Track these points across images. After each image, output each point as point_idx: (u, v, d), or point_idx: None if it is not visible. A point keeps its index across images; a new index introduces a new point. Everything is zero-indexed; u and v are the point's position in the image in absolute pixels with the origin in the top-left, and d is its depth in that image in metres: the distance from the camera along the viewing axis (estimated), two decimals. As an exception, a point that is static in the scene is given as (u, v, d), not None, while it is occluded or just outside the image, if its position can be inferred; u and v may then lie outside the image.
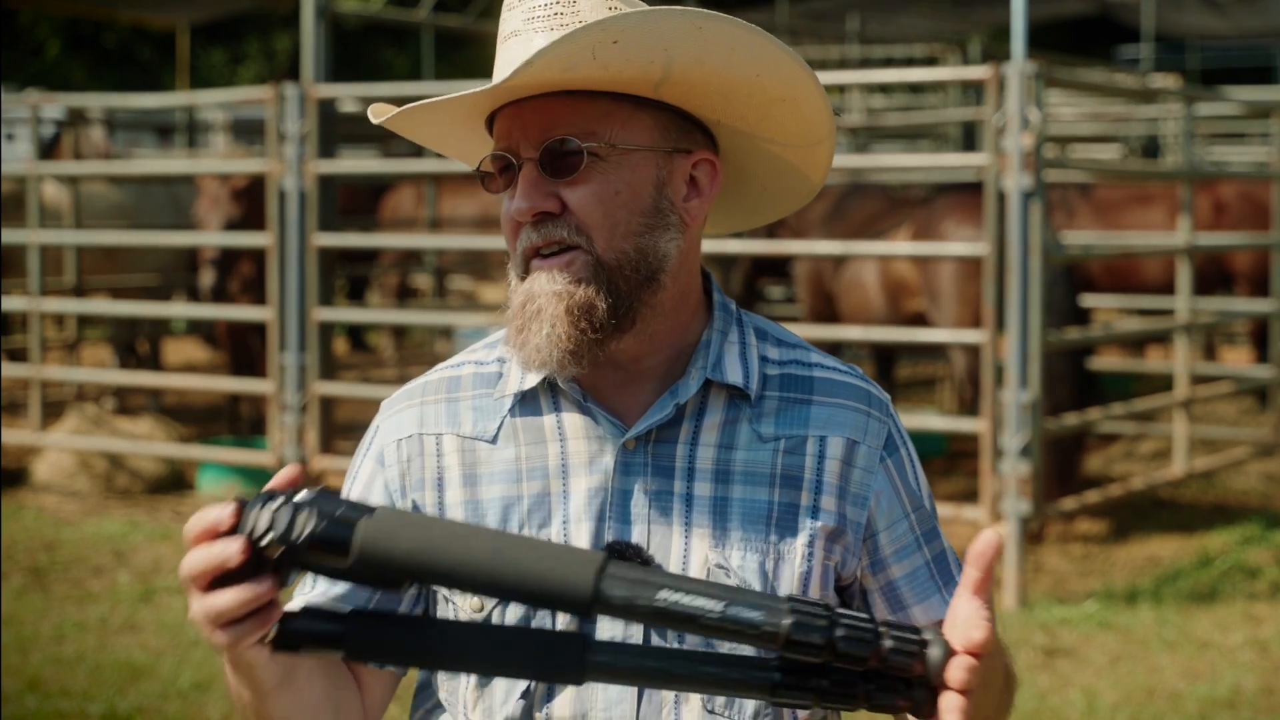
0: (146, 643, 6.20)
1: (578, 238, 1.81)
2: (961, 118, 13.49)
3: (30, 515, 8.39)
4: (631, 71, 1.80)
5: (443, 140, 2.00)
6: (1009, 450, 6.86)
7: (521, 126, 1.83)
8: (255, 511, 1.48)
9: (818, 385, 1.91)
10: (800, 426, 1.88)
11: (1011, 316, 6.91)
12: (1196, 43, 22.52)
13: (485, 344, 1.99)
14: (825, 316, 9.40)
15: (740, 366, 1.89)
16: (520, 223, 1.82)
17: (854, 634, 1.46)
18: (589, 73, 1.78)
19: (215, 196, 9.90)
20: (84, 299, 10.72)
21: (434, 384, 1.96)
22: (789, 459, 1.87)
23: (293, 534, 1.47)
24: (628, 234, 1.83)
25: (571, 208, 1.81)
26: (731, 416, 1.88)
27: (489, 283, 16.41)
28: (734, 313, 1.94)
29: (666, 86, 1.84)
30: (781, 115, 1.91)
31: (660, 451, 1.86)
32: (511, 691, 1.83)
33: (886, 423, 1.92)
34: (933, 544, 1.94)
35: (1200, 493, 9.01)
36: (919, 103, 18.41)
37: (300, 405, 8.06)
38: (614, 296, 1.82)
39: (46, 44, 25.78)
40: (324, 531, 1.47)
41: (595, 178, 1.82)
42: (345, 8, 13.90)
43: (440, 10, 15.63)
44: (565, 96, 1.82)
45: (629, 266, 1.83)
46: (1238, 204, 11.17)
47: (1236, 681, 5.84)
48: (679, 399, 1.85)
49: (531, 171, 1.82)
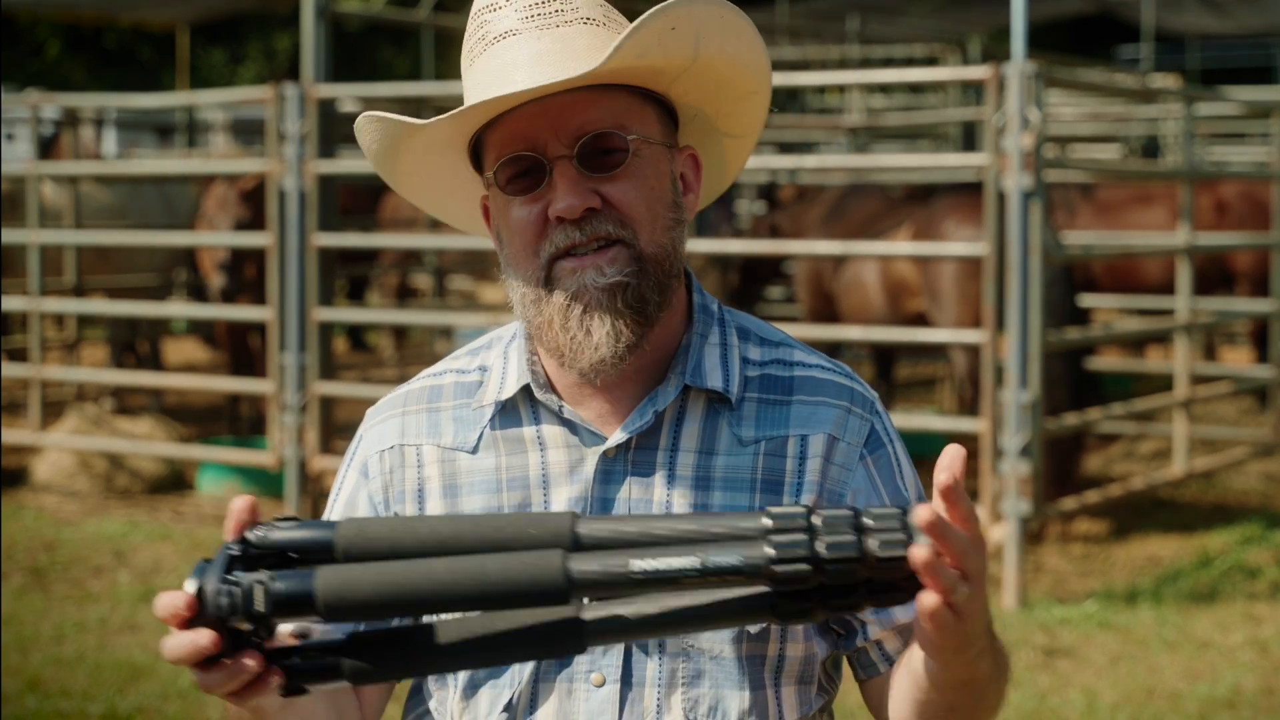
0: (146, 643, 6.20)
1: (623, 231, 1.78)
2: (961, 118, 13.48)
3: (30, 515, 8.39)
4: (675, 60, 1.79)
5: (420, 182, 1.94)
6: (1009, 450, 6.86)
7: (550, 125, 1.77)
8: (211, 591, 1.46)
9: (798, 384, 1.88)
10: (781, 427, 1.85)
11: (1011, 316, 6.90)
12: (1196, 43, 22.52)
13: (468, 350, 1.96)
14: (825, 317, 9.40)
15: (721, 370, 1.86)
16: (561, 220, 1.77)
17: (839, 549, 1.41)
18: (645, 61, 1.76)
19: (224, 198, 9.89)
20: (83, 299, 10.72)
21: (415, 393, 1.93)
22: (770, 461, 1.84)
23: (254, 607, 1.46)
24: (663, 228, 1.81)
25: (614, 202, 1.78)
26: (711, 420, 1.85)
27: (489, 283, 16.40)
28: (715, 313, 1.91)
29: (687, 76, 1.83)
30: (747, 108, 1.92)
31: (640, 459, 1.83)
32: (496, 702, 1.82)
33: (870, 420, 1.88)
34: None
35: (1200, 493, 9.01)
36: (919, 103, 18.41)
37: (300, 405, 8.06)
38: (657, 292, 1.80)
39: (46, 44, 25.78)
40: (284, 595, 1.46)
41: (634, 172, 1.79)
42: (346, 8, 13.89)
43: (440, 10, 15.62)
44: (587, 92, 1.78)
45: (666, 261, 1.81)
46: (1239, 203, 11.16)
47: (1236, 681, 5.84)
48: (658, 406, 1.83)
49: (570, 169, 1.77)
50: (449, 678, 1.86)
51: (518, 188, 1.79)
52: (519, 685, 1.81)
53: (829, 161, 11.01)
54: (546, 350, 1.83)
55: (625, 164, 1.78)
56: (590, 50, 1.78)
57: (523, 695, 1.81)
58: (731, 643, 1.80)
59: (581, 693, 1.80)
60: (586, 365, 1.77)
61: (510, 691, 1.81)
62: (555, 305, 1.77)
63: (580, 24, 1.80)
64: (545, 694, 1.81)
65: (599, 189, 1.77)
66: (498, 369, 1.91)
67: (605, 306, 1.76)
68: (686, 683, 1.80)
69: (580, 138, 1.77)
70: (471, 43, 1.84)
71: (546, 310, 1.78)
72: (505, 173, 1.80)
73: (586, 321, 1.76)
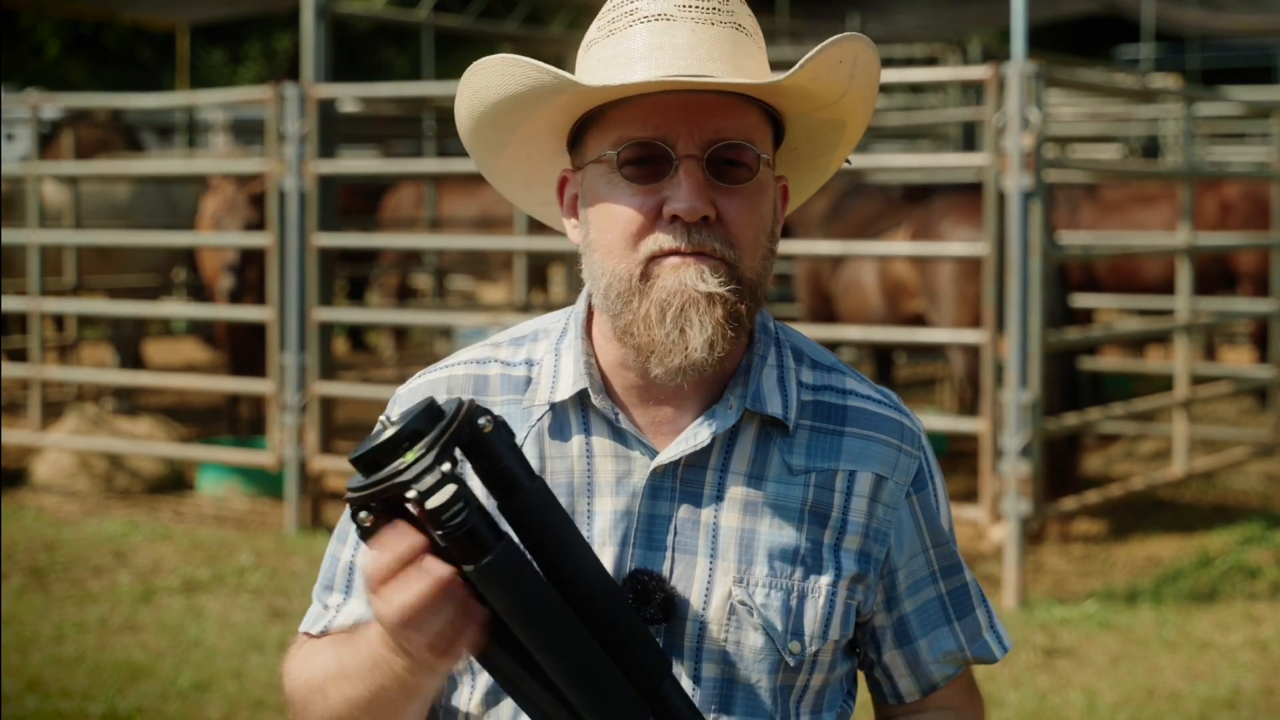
0: (146, 643, 6.20)
1: (729, 251, 1.73)
2: (961, 118, 13.48)
3: (30, 515, 8.39)
4: (830, 92, 1.77)
5: (512, 147, 1.86)
6: (1009, 450, 6.86)
7: (687, 121, 1.72)
8: (446, 473, 1.47)
9: (850, 415, 1.85)
10: (832, 460, 1.82)
11: (1011, 316, 6.90)
12: (1196, 43, 22.51)
13: (511, 340, 1.89)
14: (823, 317, 9.40)
15: (779, 395, 1.82)
16: (674, 220, 1.72)
17: None
18: (816, 85, 1.74)
19: (233, 201, 9.86)
20: (83, 299, 10.71)
21: (460, 380, 1.87)
22: (818, 494, 1.81)
23: (452, 518, 1.47)
24: (761, 255, 1.78)
25: (728, 220, 1.73)
26: (763, 445, 1.81)
27: (489, 283, 16.41)
28: (772, 332, 1.87)
29: (825, 110, 1.81)
30: (839, 155, 1.91)
31: (690, 478, 1.79)
32: (519, 713, 1.77)
33: (917, 456, 1.87)
34: (951, 578, 1.90)
35: (1200, 493, 9.01)
36: (919, 103, 18.40)
37: (300, 405, 8.06)
38: (748, 316, 1.77)
39: (46, 44, 25.76)
40: (473, 530, 1.47)
41: (752, 191, 1.76)
42: (347, 8, 13.89)
43: (440, 10, 15.62)
44: (728, 98, 1.74)
45: (759, 289, 1.78)
46: (1244, 204, 11.14)
47: (1236, 681, 5.84)
48: (715, 429, 1.78)
49: (697, 170, 1.72)
50: (467, 678, 1.83)
51: (636, 174, 1.74)
52: None
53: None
54: (630, 346, 1.77)
55: (749, 181, 1.75)
56: (744, 56, 1.75)
57: None
58: (769, 674, 1.79)
59: None
60: (675, 366, 1.73)
61: None
62: (653, 300, 1.72)
63: (733, 28, 1.76)
64: None
65: (717, 200, 1.73)
66: (548, 366, 1.85)
67: (704, 311, 1.71)
68: (717, 708, 1.79)
69: (714, 143, 1.73)
70: (613, 15, 1.77)
71: (641, 305, 1.73)
72: (628, 155, 1.74)
73: (682, 321, 1.71)
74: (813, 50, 1.70)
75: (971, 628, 1.92)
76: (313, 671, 1.75)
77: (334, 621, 1.85)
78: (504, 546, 1.49)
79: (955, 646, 1.91)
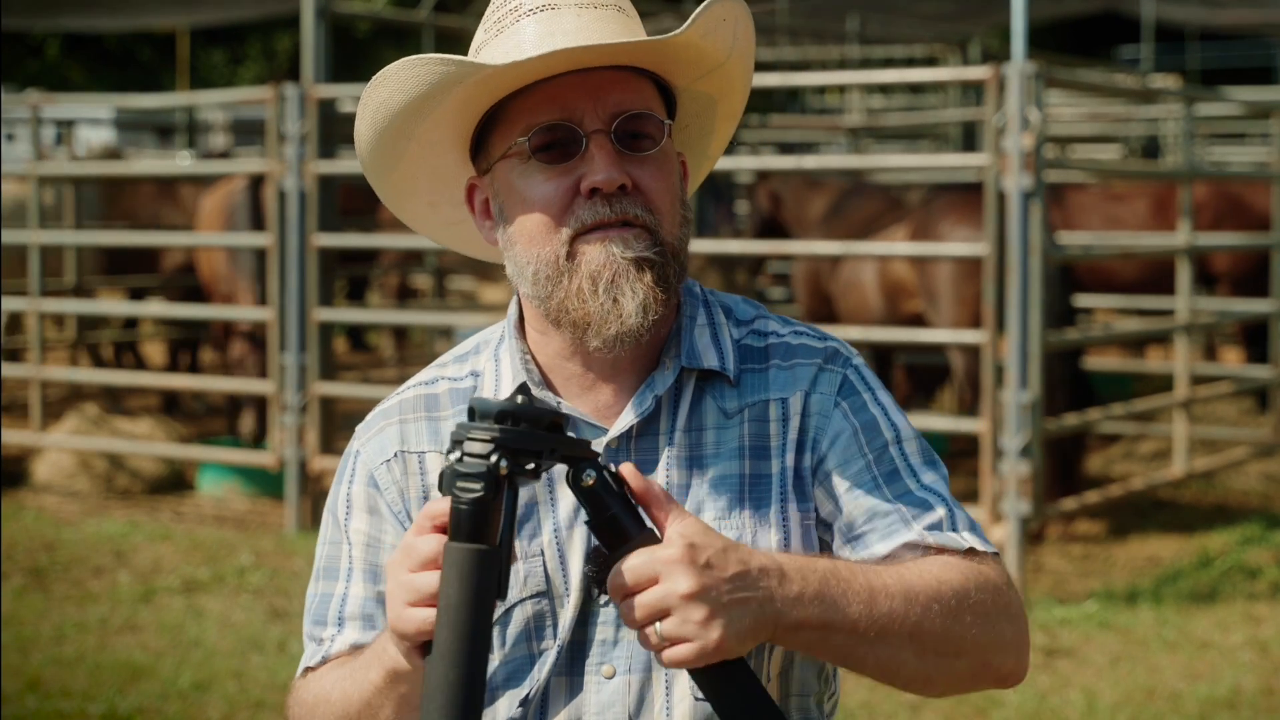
0: (146, 643, 6.20)
1: (649, 217, 1.78)
2: (961, 118, 13.49)
3: (30, 515, 8.39)
4: (717, 52, 1.81)
5: (404, 167, 1.88)
6: (1009, 450, 6.86)
7: (590, 98, 1.77)
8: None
9: (772, 350, 1.88)
10: (760, 392, 1.86)
11: (1011, 317, 6.90)
12: (1196, 43, 22.50)
13: (455, 357, 1.94)
14: (823, 317, 9.39)
15: (714, 349, 1.87)
16: (594, 194, 1.75)
17: None
18: (707, 41, 1.78)
19: (232, 205, 9.82)
20: (83, 299, 10.71)
21: (410, 402, 1.91)
22: (754, 427, 1.84)
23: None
24: (678, 222, 1.83)
25: (643, 187, 1.78)
26: (699, 398, 1.85)
27: (489, 283, 16.40)
28: (699, 295, 1.91)
29: (710, 77, 1.85)
30: (724, 132, 1.96)
31: (643, 445, 1.84)
32: (513, 701, 1.83)
33: (841, 371, 1.87)
34: (897, 483, 1.82)
35: (1200, 493, 9.01)
36: (919, 103, 18.41)
37: (300, 405, 8.06)
38: (675, 278, 1.81)
39: (46, 44, 25.77)
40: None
41: (660, 160, 1.81)
42: (349, 9, 13.89)
43: (440, 10, 15.62)
44: (625, 73, 1.79)
45: (680, 254, 1.82)
46: (1214, 203, 11.05)
47: (1236, 681, 5.84)
48: (657, 390, 1.83)
49: (606, 143, 1.76)
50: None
51: (549, 156, 1.78)
52: (537, 684, 1.83)
53: (829, 162, 11.00)
54: (565, 325, 1.80)
55: (655, 149, 1.79)
56: (631, 33, 1.79)
57: (537, 691, 1.83)
58: None
59: (593, 685, 1.81)
60: (612, 334, 1.76)
61: (527, 689, 1.83)
62: (584, 274, 1.76)
63: (615, 10, 1.81)
64: (558, 688, 1.83)
65: (630, 170, 1.77)
66: (490, 372, 1.90)
67: (634, 279, 1.76)
68: None
69: (618, 115, 1.77)
70: (500, 14, 1.81)
71: (572, 281, 1.77)
72: (539, 140, 1.77)
73: (615, 291, 1.75)
74: (698, 9, 1.74)
75: (930, 524, 1.81)
76: (323, 685, 1.82)
77: (331, 649, 1.88)
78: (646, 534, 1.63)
79: (915, 538, 1.81)
